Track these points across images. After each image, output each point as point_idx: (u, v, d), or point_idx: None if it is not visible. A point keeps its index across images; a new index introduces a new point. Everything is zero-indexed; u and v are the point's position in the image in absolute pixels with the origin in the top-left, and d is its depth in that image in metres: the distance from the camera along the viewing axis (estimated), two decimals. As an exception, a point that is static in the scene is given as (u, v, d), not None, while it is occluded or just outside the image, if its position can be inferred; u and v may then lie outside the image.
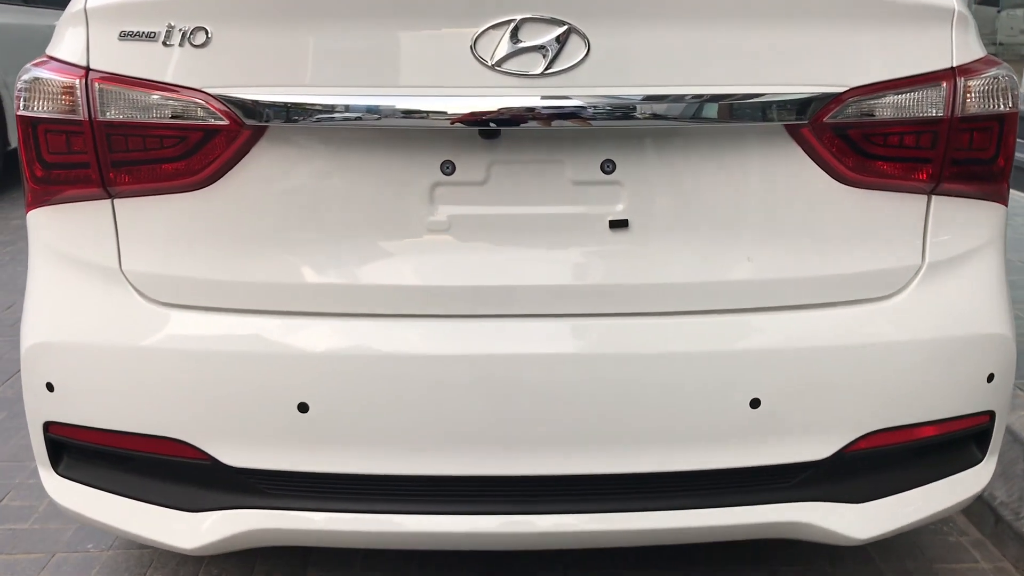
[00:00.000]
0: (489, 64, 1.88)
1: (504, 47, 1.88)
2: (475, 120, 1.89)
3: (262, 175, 1.98)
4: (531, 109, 1.88)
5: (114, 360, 2.04)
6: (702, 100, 1.90)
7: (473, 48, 1.88)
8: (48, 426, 2.15)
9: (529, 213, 2.02)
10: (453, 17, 1.88)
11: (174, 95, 1.92)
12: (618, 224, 2.02)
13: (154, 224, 2.02)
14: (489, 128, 1.92)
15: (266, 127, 1.94)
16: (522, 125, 1.89)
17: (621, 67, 1.91)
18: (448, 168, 1.99)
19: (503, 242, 2.03)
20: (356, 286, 2.01)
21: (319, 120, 1.89)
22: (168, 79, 1.92)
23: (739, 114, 1.93)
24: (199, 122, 1.93)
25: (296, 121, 1.90)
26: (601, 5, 1.88)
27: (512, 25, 1.87)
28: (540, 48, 1.88)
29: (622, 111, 1.89)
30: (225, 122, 1.92)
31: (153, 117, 1.94)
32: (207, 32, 1.89)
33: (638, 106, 1.89)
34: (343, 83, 1.90)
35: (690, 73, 1.92)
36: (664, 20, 1.90)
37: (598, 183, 2.02)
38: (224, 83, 1.91)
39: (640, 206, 2.03)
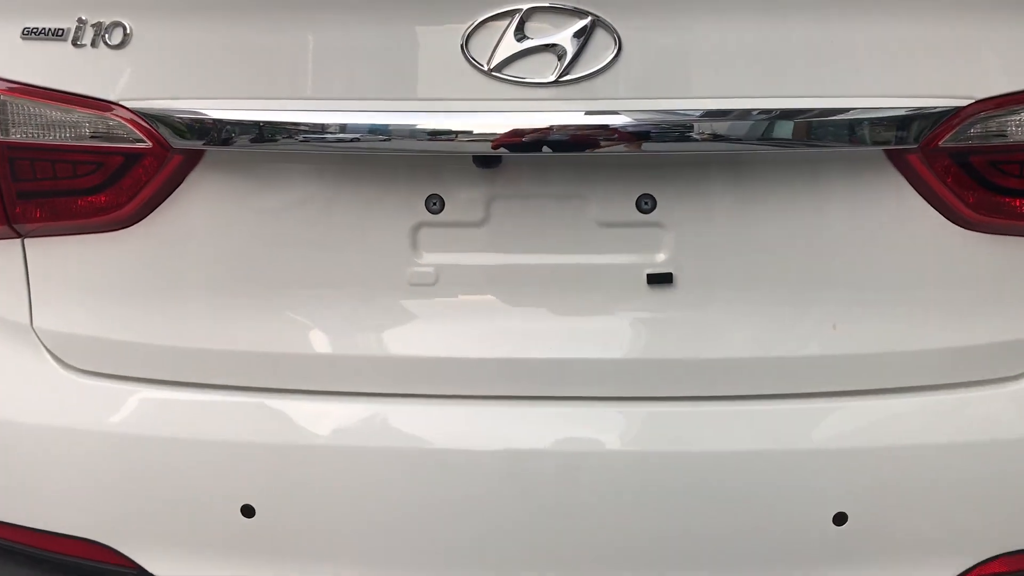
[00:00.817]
0: (485, 69, 1.41)
1: (506, 46, 1.41)
2: (468, 143, 1.43)
3: (198, 212, 1.55)
4: (543, 129, 1.41)
5: (20, 440, 1.63)
6: (772, 117, 1.40)
7: (465, 48, 1.42)
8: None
9: (540, 264, 1.55)
10: (438, 8, 1.43)
11: (86, 110, 1.50)
12: (659, 279, 1.54)
13: (72, 271, 1.61)
14: (486, 154, 1.46)
15: (202, 152, 1.51)
16: (530, 150, 1.42)
17: (663, 73, 1.43)
18: (435, 204, 1.54)
19: (505, 301, 1.56)
20: (316, 356, 1.57)
21: (268, 143, 1.45)
22: (78, 89, 1.50)
23: (822, 135, 1.42)
24: (117, 144, 1.51)
25: (238, 144, 1.46)
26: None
27: (516, 17, 1.40)
28: (553, 48, 1.41)
29: (666, 132, 1.41)
30: (148, 144, 1.49)
31: (62, 137, 1.52)
32: (126, 29, 1.47)
33: (688, 125, 1.41)
34: (297, 95, 1.45)
35: (756, 81, 1.42)
36: (720, 11, 1.41)
37: (632, 225, 1.54)
38: (146, 94, 1.48)
39: (688, 255, 1.54)
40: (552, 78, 1.41)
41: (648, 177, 1.52)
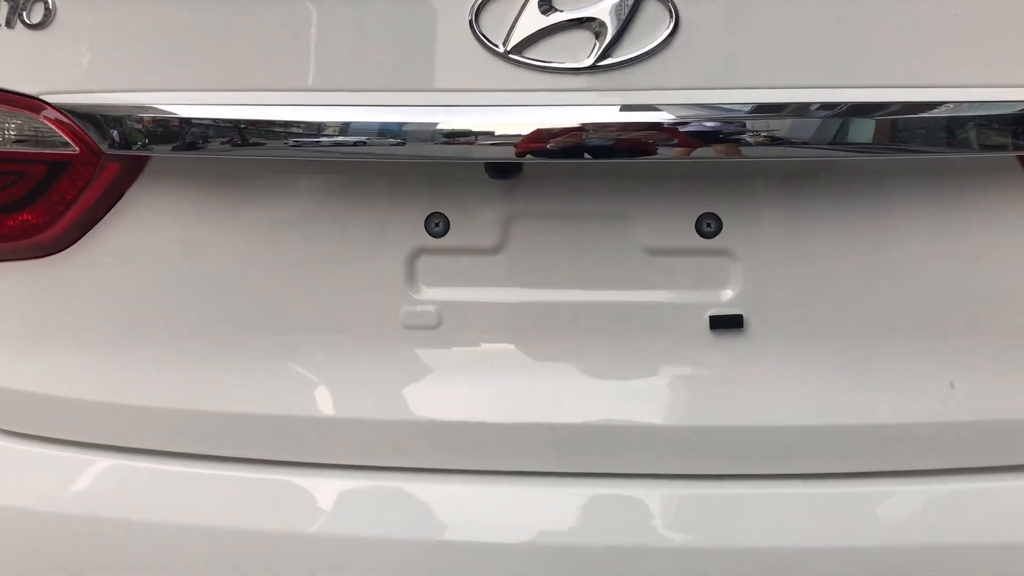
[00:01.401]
0: (501, 51, 1.08)
1: (528, 22, 1.08)
2: (478, 146, 1.09)
3: (141, 235, 1.23)
4: (576, 129, 1.07)
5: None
6: (884, 113, 1.06)
7: (475, 24, 1.09)
8: None
9: (571, 302, 1.21)
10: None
11: (1, 106, 1.19)
12: (725, 322, 1.19)
13: (-7, 308, 1.30)
14: (502, 160, 1.13)
15: (144, 159, 1.20)
16: (560, 156, 1.09)
17: (735, 55, 1.08)
18: (437, 225, 1.21)
19: (526, 349, 1.22)
20: (288, 419, 1.23)
21: (219, 147, 1.13)
22: (-10, 80, 1.19)
23: (947, 138, 1.08)
24: (38, 150, 1.19)
25: (192, 148, 1.14)
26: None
27: (542, -17, 1.08)
28: (590, 23, 1.08)
29: (740, 133, 1.06)
30: (75, 150, 1.18)
31: (-28, 141, 1.22)
32: (48, 4, 1.16)
33: (772, 124, 1.06)
34: (255, 86, 1.13)
35: (868, 66, 1.07)
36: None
37: (691, 253, 1.19)
38: (73, 86, 1.16)
39: (763, 292, 1.19)
40: (588, 62, 1.08)
41: (711, 191, 1.18)
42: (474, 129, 1.09)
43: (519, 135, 1.08)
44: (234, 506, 1.23)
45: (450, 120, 1.09)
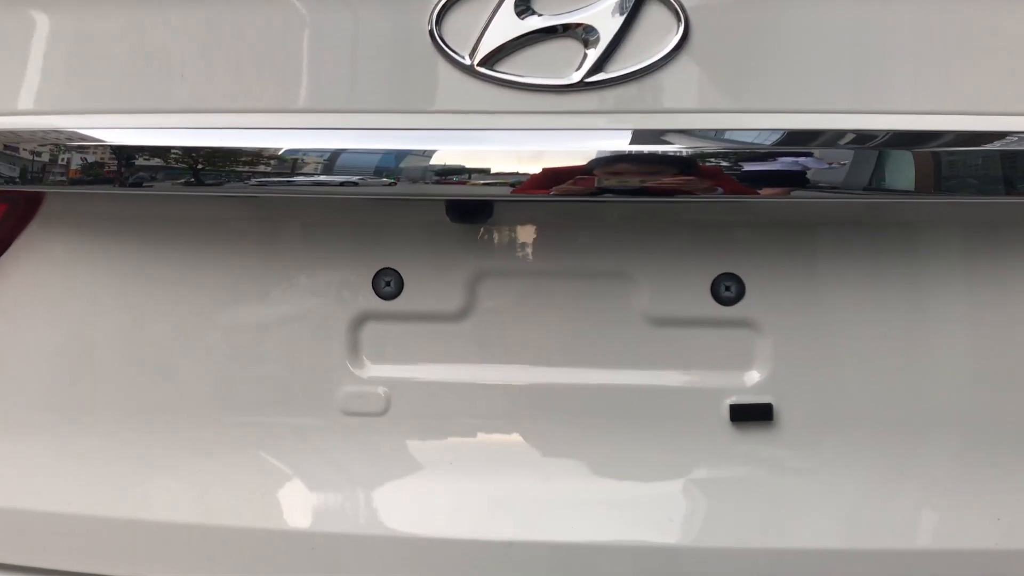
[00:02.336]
0: (468, 63, 0.87)
1: (501, 28, 0.87)
2: (437, 182, 0.86)
3: (33, 291, 1.00)
4: (561, 161, 0.85)
5: None
6: (951, 145, 0.83)
7: (436, 32, 0.88)
8: None
9: (554, 384, 0.96)
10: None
11: None
12: (750, 412, 0.93)
13: None
14: (467, 198, 0.90)
15: (40, 196, 0.98)
16: (538, 195, 0.85)
17: (757, 69, 0.87)
18: (387, 284, 0.97)
19: (497, 444, 0.96)
20: (194, 528, 0.96)
21: (139, 181, 0.90)
22: None
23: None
24: (-98, 183, 0.98)
25: (96, 182, 0.92)
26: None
27: (519, -18, 0.87)
28: (577, 31, 0.86)
29: (768, 168, 0.84)
30: (-54, 184, 0.96)
31: None
32: (-75, 8, 0.96)
33: (806, 157, 0.83)
34: (167, 105, 0.91)
35: (918, 87, 0.86)
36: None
37: (706, 324, 0.95)
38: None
39: (796, 375, 0.94)
40: (575, 78, 0.86)
41: (731, 246, 0.94)
42: (431, 160, 0.86)
43: (487, 168, 0.85)
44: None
45: (403, 148, 0.86)
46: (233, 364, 0.98)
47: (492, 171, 0.86)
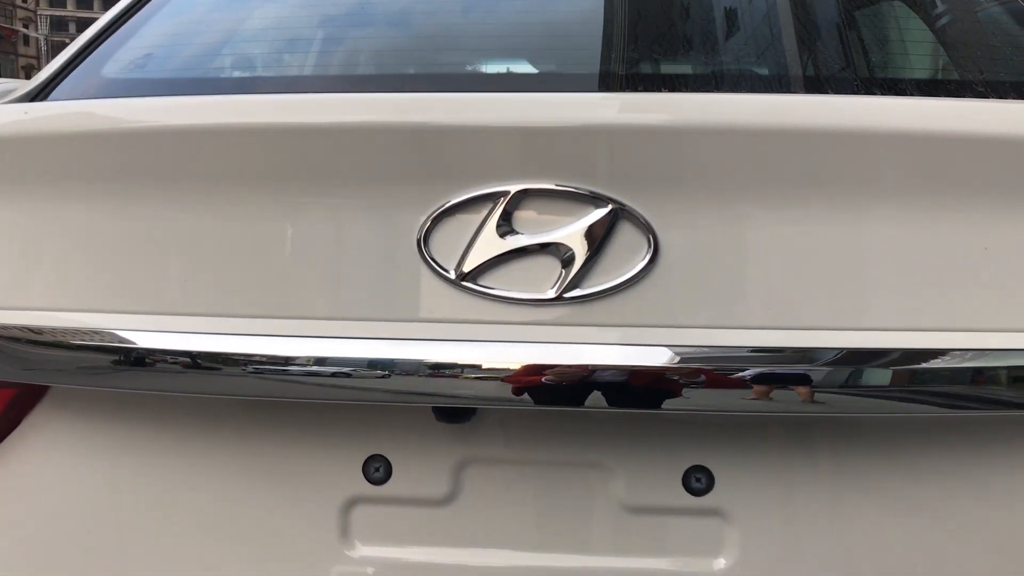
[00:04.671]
0: (452, 277, 0.93)
1: (484, 246, 0.93)
2: (421, 389, 0.92)
3: (39, 473, 1.05)
4: (536, 371, 0.91)
5: None
6: (908, 363, 0.89)
7: (423, 246, 0.94)
8: None
9: (536, 568, 1.01)
10: (382, 185, 0.95)
11: None
12: (718, 599, 0.99)
13: None
14: (448, 405, 0.96)
15: (45, 388, 1.04)
16: (516, 403, 0.91)
17: (727, 290, 0.92)
18: (377, 471, 1.02)
19: (481, 626, 1.02)
20: None
21: (132, 379, 0.97)
22: None
23: (976, 392, 0.90)
24: (-81, 371, 1.04)
25: (101, 377, 0.98)
26: (686, 165, 0.93)
27: (501, 205, 0.93)
28: (555, 249, 0.93)
29: (733, 381, 0.89)
30: (-41, 373, 1.02)
31: None
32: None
33: (768, 370, 0.89)
34: (169, 309, 0.98)
35: (874, 305, 0.91)
36: (809, 198, 0.92)
37: (679, 512, 1.00)
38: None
39: (764, 563, 0.99)
40: (553, 293, 0.92)
41: (701, 440, 1.00)
42: (416, 366, 0.92)
43: (468, 375, 0.91)
44: None
45: (390, 355, 0.92)
46: (228, 543, 1.03)
47: (472, 378, 0.91)
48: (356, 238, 0.95)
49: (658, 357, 0.90)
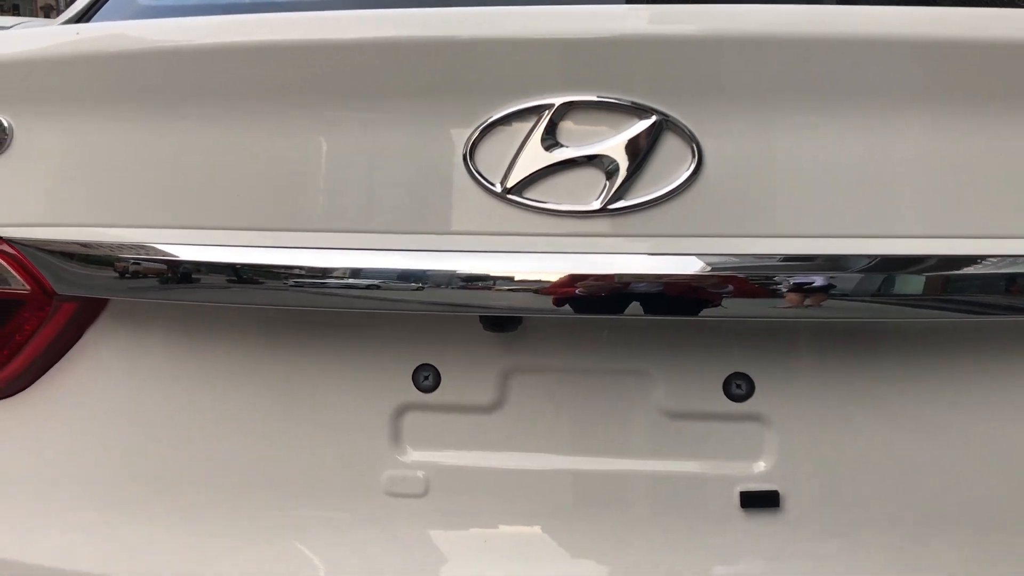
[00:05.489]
0: (498, 190, 0.95)
1: (530, 159, 0.95)
2: (469, 298, 0.95)
3: (100, 382, 1.10)
4: (582, 280, 0.93)
5: None
6: (939, 268, 0.91)
7: (469, 160, 0.96)
8: None
9: (578, 471, 1.05)
10: (429, 101, 0.97)
11: (-52, 239, 1.08)
12: (758, 499, 1.02)
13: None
14: (497, 314, 0.99)
15: (104, 301, 1.08)
16: (563, 311, 0.94)
17: (765, 198, 0.94)
18: (426, 379, 1.06)
19: (525, 523, 1.06)
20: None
21: (192, 292, 1.00)
22: (-59, 210, 1.08)
23: (1008, 299, 0.92)
24: (-14, 287, 1.08)
25: (152, 291, 1.02)
26: (729, 74, 0.93)
27: (545, 117, 0.94)
28: (599, 161, 0.94)
29: (774, 288, 0.91)
30: (26, 288, 1.06)
31: (-81, 275, 1.10)
32: (4, 127, 1.05)
33: (808, 278, 0.91)
34: (235, 225, 1.01)
35: (911, 213, 0.93)
36: (861, 104, 0.93)
37: (719, 418, 1.03)
38: (25, 219, 1.05)
39: (802, 465, 1.02)
40: (597, 205, 0.94)
41: (742, 348, 1.02)
42: (465, 277, 0.94)
43: (516, 286, 0.94)
44: None
45: (438, 267, 0.95)
46: (286, 449, 1.08)
47: (519, 290, 0.94)
48: (403, 153, 0.97)
49: (700, 266, 0.92)
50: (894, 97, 0.92)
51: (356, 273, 0.97)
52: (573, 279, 0.93)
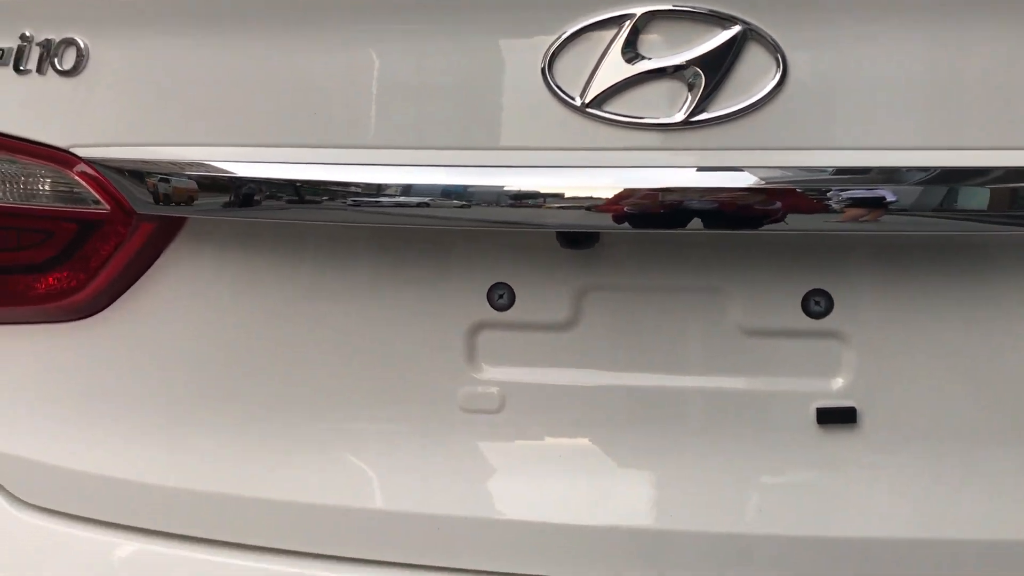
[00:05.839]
0: (578, 104, 0.94)
1: (609, 71, 0.93)
2: (550, 213, 0.95)
3: (178, 300, 1.12)
4: (665, 195, 0.92)
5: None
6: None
7: (548, 74, 0.94)
8: None
9: (652, 387, 1.05)
10: (508, 14, 0.96)
11: (26, 159, 1.09)
12: (835, 415, 1.02)
13: (20, 373, 1.20)
14: (577, 229, 0.98)
15: (183, 220, 1.09)
16: (644, 226, 0.94)
17: (852, 109, 0.92)
18: (501, 297, 1.06)
19: (599, 439, 1.07)
20: (326, 508, 1.10)
21: (272, 209, 1.01)
22: (19, 131, 1.09)
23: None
24: (67, 207, 1.09)
25: (232, 208, 1.02)
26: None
27: (626, 28, 0.92)
28: (681, 73, 0.92)
29: (859, 202, 0.90)
30: (106, 208, 1.08)
31: None
32: (80, 48, 1.06)
33: (895, 192, 0.90)
34: (315, 142, 1.00)
35: (1009, 124, 0.90)
36: (953, 10, 0.90)
37: (796, 334, 1.03)
38: (105, 139, 1.06)
39: (879, 382, 1.02)
40: (680, 117, 0.93)
41: (821, 264, 1.01)
42: (544, 193, 0.94)
43: (596, 201, 0.93)
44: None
45: (518, 182, 0.95)
46: (365, 366, 1.09)
47: (599, 204, 0.93)
48: (482, 68, 0.96)
49: (782, 178, 0.91)
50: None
51: (436, 191, 0.97)
52: (653, 194, 0.92)
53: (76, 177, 1.07)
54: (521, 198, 0.95)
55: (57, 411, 1.17)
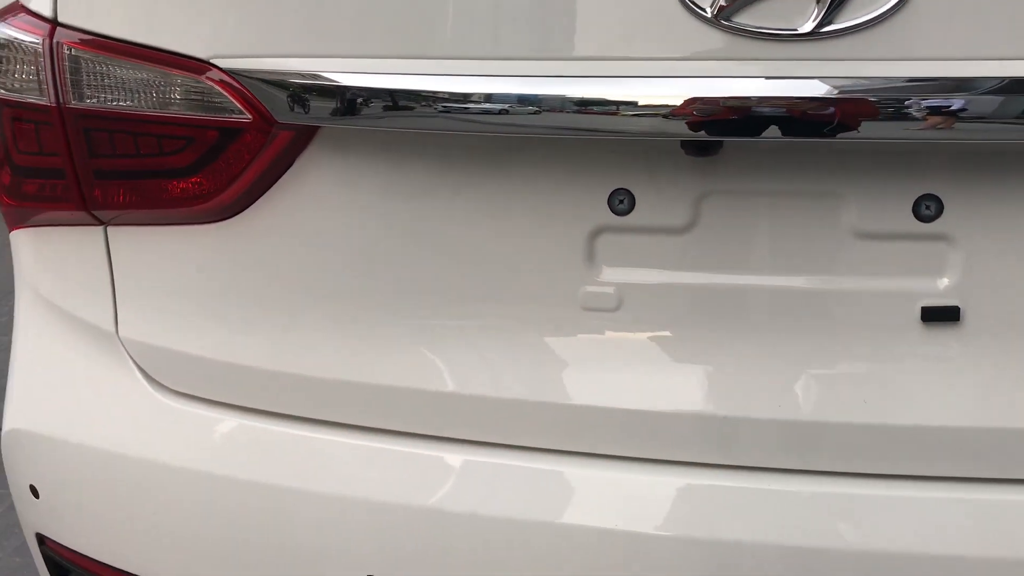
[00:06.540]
0: (709, 15, 0.97)
1: (740, -18, 0.97)
2: (681, 123, 0.99)
3: (311, 204, 1.19)
4: (795, 105, 0.97)
5: (107, 471, 1.35)
6: None
7: (679, -14, 0.98)
8: (42, 539, 1.51)
9: (767, 287, 1.12)
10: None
11: (170, 70, 1.15)
12: (939, 314, 1.09)
13: (164, 271, 1.28)
14: (705, 139, 1.03)
15: (317, 128, 1.15)
16: (774, 135, 0.98)
17: (979, 20, 0.95)
18: (621, 202, 1.12)
19: (714, 337, 1.14)
20: (455, 396, 1.19)
21: (399, 117, 1.07)
22: (162, 43, 1.15)
23: None
24: (209, 116, 1.15)
25: (367, 118, 1.08)
26: None
27: (758, -62, 0.95)
28: (813, -17, 0.96)
29: (986, 111, 0.94)
30: (247, 117, 1.14)
31: (143, 105, 1.18)
32: (219, -40, 1.10)
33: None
34: (438, 52, 1.05)
35: None
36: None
37: (906, 237, 1.08)
38: (245, 50, 1.11)
39: (982, 283, 1.07)
40: (808, 28, 0.96)
41: (933, 170, 1.06)
42: (676, 103, 0.99)
43: (727, 109, 0.98)
44: (396, 480, 1.21)
45: (649, 93, 0.99)
46: (490, 266, 1.16)
47: (730, 115, 0.98)
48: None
49: (912, 88, 0.95)
50: None
51: (561, 100, 1.01)
52: (784, 102, 0.97)
53: (218, 87, 1.13)
54: (650, 108, 0.99)
55: (199, 306, 1.27)
